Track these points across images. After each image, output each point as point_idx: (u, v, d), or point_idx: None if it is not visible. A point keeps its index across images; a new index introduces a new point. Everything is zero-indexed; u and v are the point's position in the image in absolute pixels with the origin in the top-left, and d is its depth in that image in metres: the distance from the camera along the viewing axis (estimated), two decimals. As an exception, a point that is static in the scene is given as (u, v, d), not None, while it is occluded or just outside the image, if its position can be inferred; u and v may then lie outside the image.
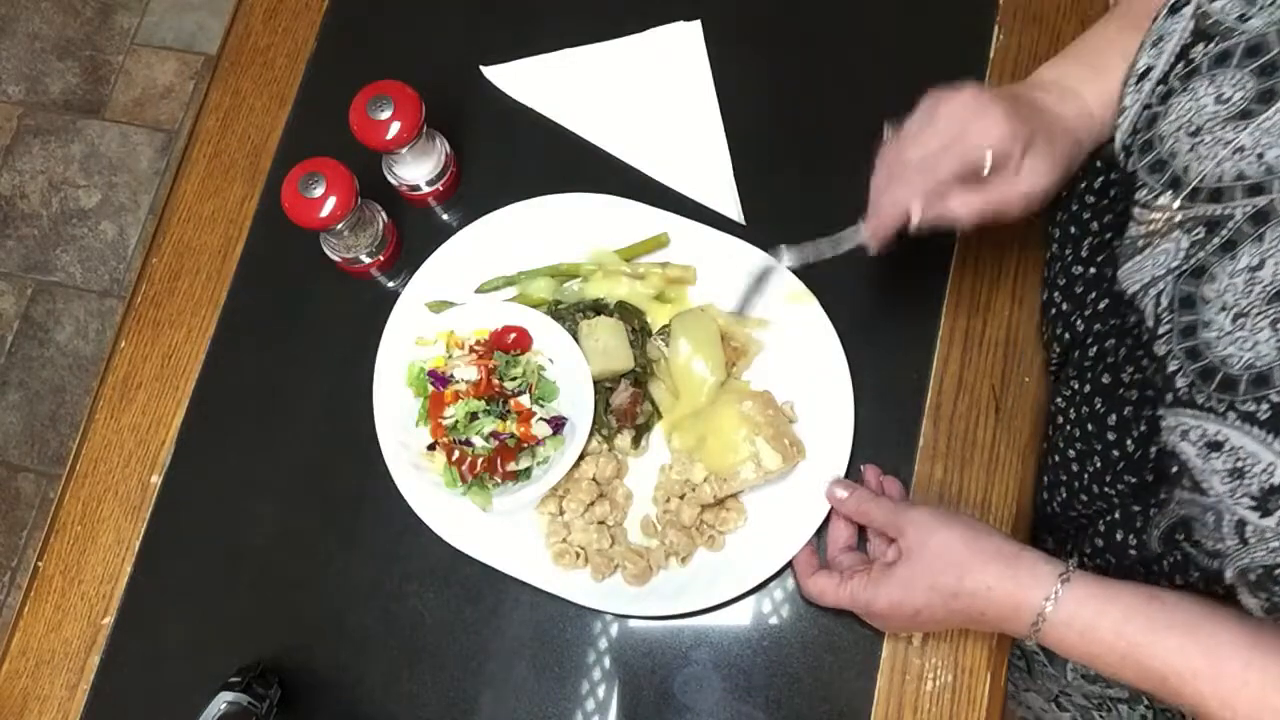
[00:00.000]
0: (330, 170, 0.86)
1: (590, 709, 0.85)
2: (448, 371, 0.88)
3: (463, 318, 0.91)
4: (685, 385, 0.88)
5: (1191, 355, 0.60)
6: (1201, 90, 0.61)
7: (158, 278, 0.99)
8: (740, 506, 0.87)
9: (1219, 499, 0.61)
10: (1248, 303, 0.57)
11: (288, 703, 0.84)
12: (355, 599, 0.89)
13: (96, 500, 0.93)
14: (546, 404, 0.89)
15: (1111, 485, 0.78)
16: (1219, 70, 0.61)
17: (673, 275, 0.91)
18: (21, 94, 2.17)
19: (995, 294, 0.92)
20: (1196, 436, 0.61)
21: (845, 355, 0.87)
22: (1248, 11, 0.60)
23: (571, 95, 1.00)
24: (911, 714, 0.82)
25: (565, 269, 0.92)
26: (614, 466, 0.88)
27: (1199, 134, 0.61)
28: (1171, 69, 0.65)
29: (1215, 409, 0.59)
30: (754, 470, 0.84)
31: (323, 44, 1.05)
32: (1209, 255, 0.60)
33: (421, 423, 0.89)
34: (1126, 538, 0.77)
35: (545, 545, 0.87)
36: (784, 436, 0.85)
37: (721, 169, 0.97)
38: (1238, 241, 0.58)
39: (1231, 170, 0.59)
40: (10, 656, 0.90)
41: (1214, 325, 0.59)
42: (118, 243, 2.07)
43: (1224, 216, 0.59)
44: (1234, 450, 0.58)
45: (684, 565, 0.86)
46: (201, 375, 0.96)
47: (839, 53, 1.00)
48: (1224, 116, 0.60)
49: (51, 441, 1.97)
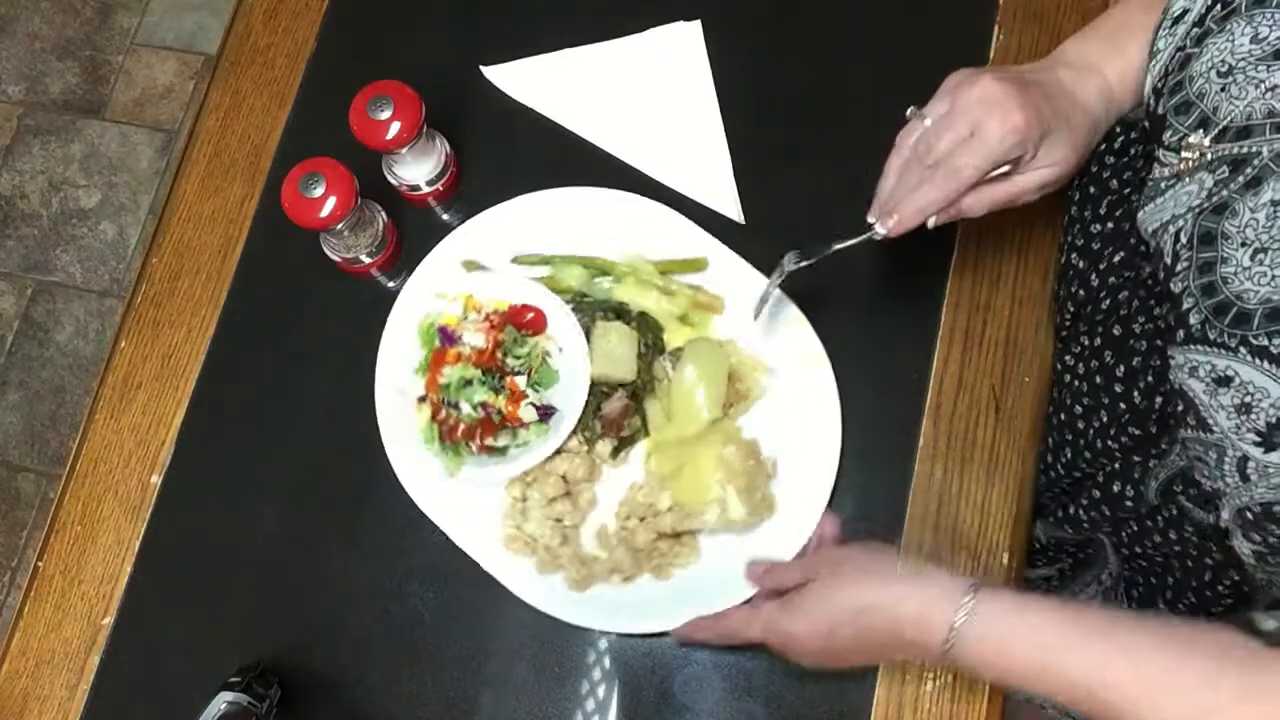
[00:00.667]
0: (330, 170, 0.86)
1: (590, 709, 0.85)
2: (458, 332, 0.89)
3: (488, 284, 0.90)
4: (680, 412, 0.87)
5: (1207, 291, 0.61)
6: (1238, 31, 0.62)
7: (158, 278, 0.99)
8: (695, 545, 0.86)
9: (1223, 435, 0.61)
10: (1269, 238, 0.58)
11: (288, 703, 0.84)
12: (355, 599, 0.89)
13: (96, 500, 0.93)
14: (541, 390, 0.88)
15: (1115, 438, 0.79)
16: (1258, 9, 0.61)
17: (701, 300, 0.90)
18: (21, 94, 2.17)
19: (995, 294, 0.92)
20: (1205, 372, 0.61)
21: (841, 427, 0.86)
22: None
23: (571, 95, 1.00)
24: (911, 714, 0.82)
25: (600, 264, 0.92)
26: (587, 469, 0.87)
27: (1230, 74, 0.62)
28: (1209, 11, 0.65)
29: (1227, 344, 0.59)
30: (717, 515, 0.83)
31: (323, 44, 1.05)
32: (1233, 192, 0.60)
33: (421, 373, 0.89)
34: (1124, 489, 0.77)
35: (500, 525, 0.87)
36: (756, 491, 0.84)
37: (721, 169, 0.97)
38: (1263, 178, 0.59)
39: (1262, 108, 0.60)
40: (10, 656, 0.90)
41: (1232, 261, 0.59)
42: (118, 243, 2.07)
43: (1250, 154, 0.60)
44: (1243, 385, 0.59)
45: (625, 584, 0.85)
46: (201, 375, 0.96)
47: (839, 53, 1.00)
48: (1258, 56, 0.60)
49: (51, 441, 1.97)
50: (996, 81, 0.71)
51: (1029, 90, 0.72)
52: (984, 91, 0.71)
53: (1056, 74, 0.76)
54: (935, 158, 0.72)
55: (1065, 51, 0.78)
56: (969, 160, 0.71)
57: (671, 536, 0.85)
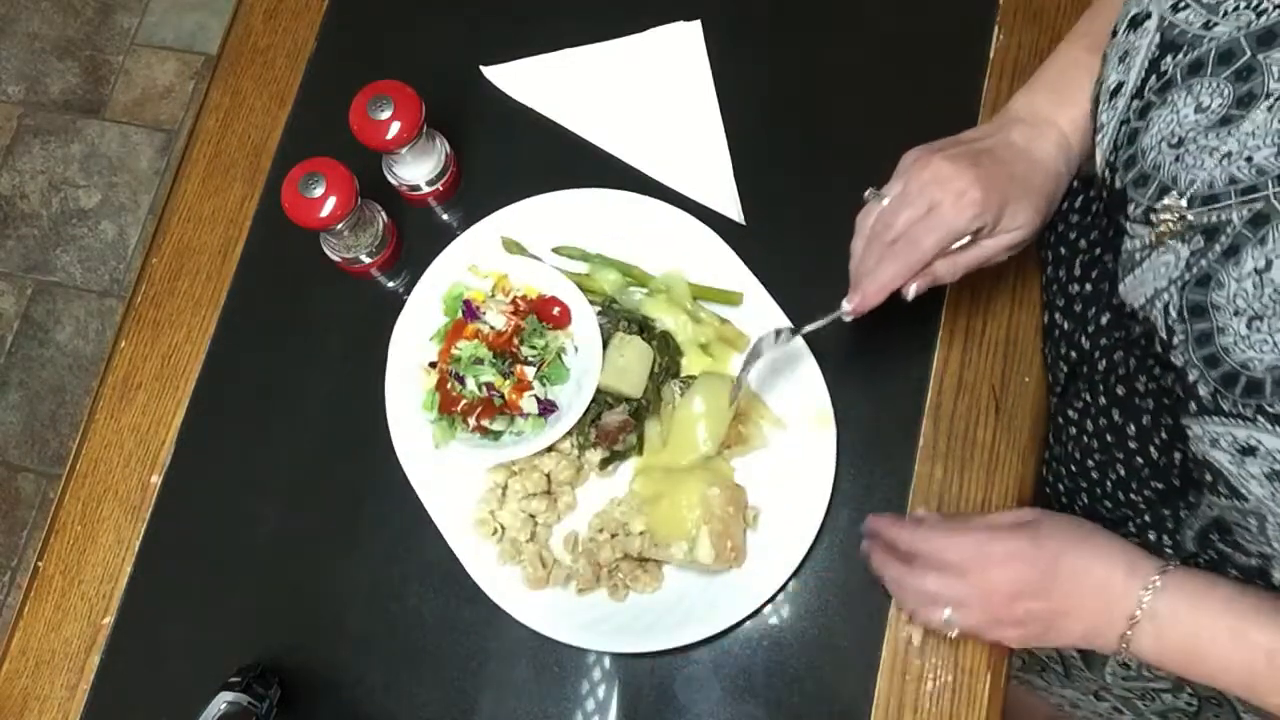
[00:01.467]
0: (330, 170, 0.86)
1: (590, 709, 0.85)
2: (482, 309, 0.89)
3: (524, 269, 0.90)
4: (676, 440, 0.87)
5: (1210, 363, 0.59)
6: (1180, 102, 0.61)
7: (158, 278, 0.99)
8: (658, 574, 0.86)
9: (1259, 503, 0.60)
10: (1261, 305, 0.56)
11: (288, 703, 0.84)
12: (355, 599, 0.89)
13: (96, 500, 0.93)
14: (548, 385, 0.88)
15: (1138, 492, 0.77)
16: (1194, 80, 0.60)
17: (726, 334, 0.89)
18: (21, 94, 2.17)
19: (995, 294, 0.92)
20: (1228, 443, 0.59)
21: (831, 493, 0.85)
22: (1212, 19, 0.59)
23: (571, 95, 1.00)
24: (911, 714, 0.82)
25: (637, 274, 0.91)
26: (572, 473, 0.88)
27: (1182, 144, 0.61)
28: (1145, 83, 0.64)
29: (1244, 414, 0.57)
30: (684, 553, 0.82)
31: (323, 44, 1.05)
32: (1213, 263, 0.59)
33: (437, 340, 0.89)
34: (1160, 539, 0.76)
35: (474, 507, 0.87)
36: (729, 538, 0.83)
37: (721, 169, 0.97)
38: (1240, 245, 0.57)
39: (1222, 176, 0.58)
40: (10, 656, 0.90)
41: (1229, 330, 0.57)
42: (118, 243, 2.07)
43: (1222, 223, 0.58)
44: (1269, 454, 0.57)
45: (579, 596, 0.85)
46: (201, 375, 0.96)
47: (839, 53, 1.00)
48: (1206, 125, 0.59)
49: (51, 441, 1.97)
50: (948, 161, 0.71)
51: (982, 163, 0.72)
52: (936, 172, 0.71)
53: (1009, 136, 0.75)
54: (894, 235, 0.73)
55: (1014, 107, 0.78)
56: (927, 236, 0.71)
57: (636, 560, 0.85)
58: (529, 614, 0.84)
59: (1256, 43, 0.57)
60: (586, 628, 0.84)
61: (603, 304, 0.91)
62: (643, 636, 0.83)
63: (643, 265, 0.91)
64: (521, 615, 0.84)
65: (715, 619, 0.83)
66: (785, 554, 0.84)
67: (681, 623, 0.83)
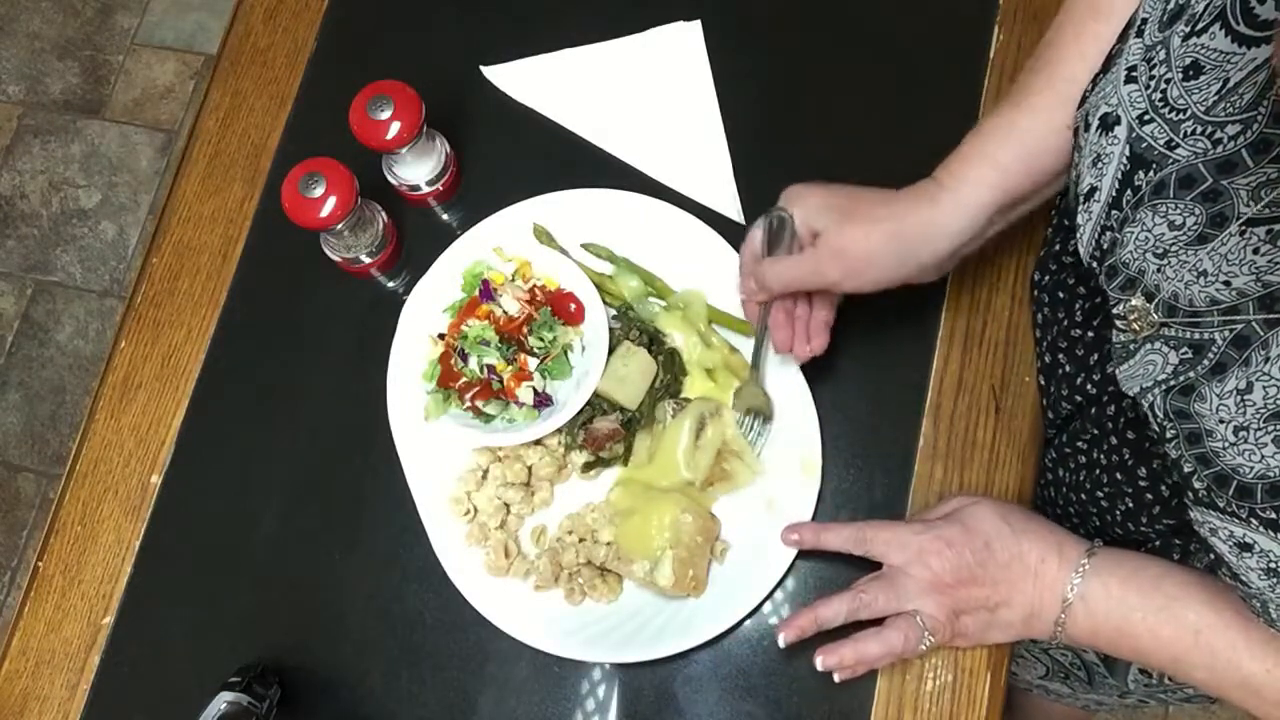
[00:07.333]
0: (330, 170, 0.86)
1: (590, 709, 0.85)
2: (499, 293, 0.89)
3: (546, 259, 0.90)
4: (662, 459, 0.86)
5: (1202, 461, 0.59)
6: (1150, 220, 0.60)
7: (158, 278, 0.99)
8: (616, 587, 0.85)
9: (1260, 591, 0.60)
10: (1244, 419, 0.55)
11: (288, 703, 0.84)
12: (355, 599, 0.89)
13: (96, 500, 0.93)
14: (548, 379, 0.88)
15: (1150, 525, 0.77)
16: (1159, 200, 0.59)
17: (733, 364, 0.89)
18: (21, 94, 2.17)
19: (995, 294, 0.92)
20: (1225, 536, 0.59)
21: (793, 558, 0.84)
22: (1174, 138, 0.59)
23: (571, 95, 1.00)
24: (911, 714, 0.82)
25: (660, 285, 0.91)
26: (554, 471, 0.88)
27: (1165, 256, 0.60)
28: (1121, 195, 0.63)
29: (1237, 514, 0.57)
30: (644, 572, 0.82)
31: (323, 44, 1.05)
32: (1199, 377, 0.58)
33: (450, 313, 0.90)
34: (1174, 560, 0.76)
35: (452, 484, 0.87)
36: (692, 568, 0.82)
37: (721, 169, 0.97)
38: (1226, 365, 0.57)
39: (1202, 295, 0.58)
40: (10, 656, 0.90)
41: (1216, 435, 0.57)
42: (118, 243, 2.07)
43: (1207, 340, 0.58)
44: (1265, 553, 0.57)
45: (534, 591, 0.85)
46: (201, 375, 0.96)
47: (839, 53, 1.00)
48: (1184, 242, 0.59)
49: (51, 441, 1.97)
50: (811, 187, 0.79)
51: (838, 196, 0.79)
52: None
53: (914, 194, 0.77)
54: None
55: (949, 168, 0.77)
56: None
57: (597, 569, 0.85)
58: (482, 600, 0.85)
59: (1218, 170, 0.57)
60: (553, 623, 0.84)
61: (619, 309, 0.91)
62: (607, 649, 0.83)
63: (666, 279, 0.91)
64: (475, 599, 0.84)
65: (676, 642, 0.82)
66: (743, 595, 0.83)
67: (637, 634, 0.83)
